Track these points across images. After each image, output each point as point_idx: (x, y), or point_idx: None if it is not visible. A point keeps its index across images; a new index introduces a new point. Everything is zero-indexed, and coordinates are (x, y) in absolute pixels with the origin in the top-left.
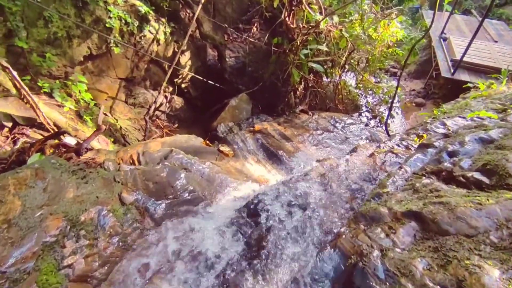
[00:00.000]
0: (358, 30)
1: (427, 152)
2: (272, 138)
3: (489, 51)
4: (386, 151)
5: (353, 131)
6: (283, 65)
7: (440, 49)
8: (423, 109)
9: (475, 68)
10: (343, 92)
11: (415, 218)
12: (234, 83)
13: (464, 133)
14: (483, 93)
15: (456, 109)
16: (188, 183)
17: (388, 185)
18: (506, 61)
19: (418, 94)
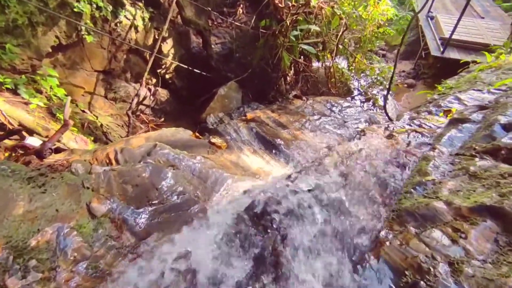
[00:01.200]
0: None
1: (463, 128)
2: (267, 126)
3: (477, 27)
4: (408, 130)
5: (350, 114)
6: (272, 49)
7: (428, 28)
8: (413, 90)
9: (464, 45)
10: (336, 75)
11: (492, 215)
12: (221, 70)
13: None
14: (492, 64)
15: (463, 83)
16: (177, 182)
17: (430, 172)
18: (494, 37)
19: (408, 75)
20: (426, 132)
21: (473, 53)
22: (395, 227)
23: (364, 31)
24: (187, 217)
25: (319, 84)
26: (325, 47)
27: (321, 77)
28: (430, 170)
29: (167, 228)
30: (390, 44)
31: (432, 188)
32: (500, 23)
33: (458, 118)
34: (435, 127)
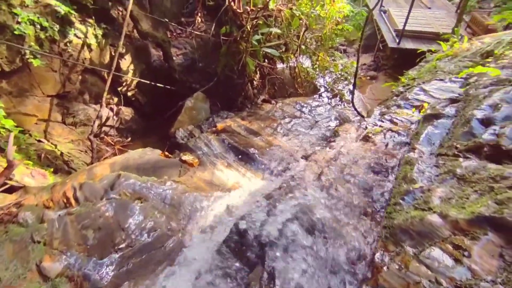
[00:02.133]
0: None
1: (439, 124)
2: (239, 136)
3: (425, 17)
4: (384, 129)
5: (321, 113)
6: (235, 55)
7: (383, 22)
8: (376, 81)
9: (416, 35)
10: (301, 75)
11: (493, 227)
12: (186, 82)
13: (482, 93)
14: (448, 53)
15: (425, 73)
16: (146, 217)
17: (417, 178)
18: (441, 25)
19: (369, 68)
20: (401, 131)
21: (426, 42)
22: (390, 247)
23: (324, 29)
24: (162, 256)
25: (286, 85)
26: (288, 48)
27: (287, 78)
28: (416, 176)
29: (139, 275)
30: (349, 39)
31: (422, 197)
32: (445, 12)
33: (432, 114)
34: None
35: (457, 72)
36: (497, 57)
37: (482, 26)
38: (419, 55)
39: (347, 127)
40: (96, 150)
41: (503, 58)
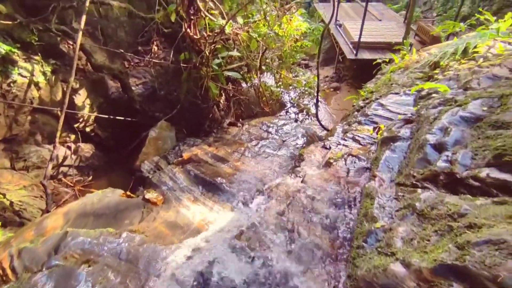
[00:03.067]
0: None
1: (396, 148)
2: (205, 165)
3: (378, 29)
4: (344, 154)
5: (287, 131)
6: (197, 80)
7: (339, 35)
8: (339, 92)
9: (371, 46)
10: (266, 94)
11: (457, 277)
12: (148, 112)
13: (432, 114)
14: (400, 65)
15: (381, 86)
16: (95, 284)
17: (378, 216)
18: (392, 35)
19: (332, 79)
20: (362, 154)
21: (380, 51)
22: None
23: (283, 47)
24: None
25: (252, 104)
26: (250, 69)
27: (253, 98)
28: (377, 213)
29: None
30: (310, 53)
31: (384, 239)
32: (394, 22)
33: (388, 137)
34: (369, 138)
35: (410, 85)
36: (443, 68)
37: (428, 34)
38: (376, 64)
39: (312, 148)
40: (55, 194)
41: (449, 69)
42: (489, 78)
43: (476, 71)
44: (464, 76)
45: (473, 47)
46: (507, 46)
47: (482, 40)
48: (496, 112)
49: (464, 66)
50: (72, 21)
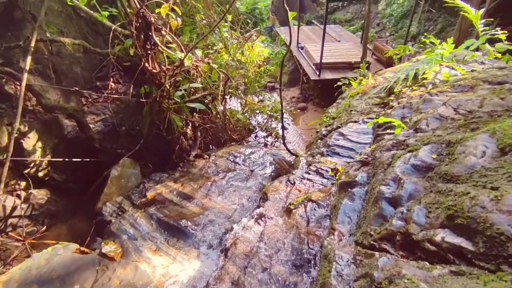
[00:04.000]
0: (226, 57)
1: (354, 195)
2: (170, 206)
3: (337, 50)
4: (304, 200)
5: (255, 160)
6: (160, 113)
7: (302, 58)
8: (306, 112)
9: (333, 66)
10: (232, 121)
11: None
12: (110, 149)
13: (386, 159)
14: (358, 90)
15: (342, 112)
16: None
17: (334, 285)
18: (351, 55)
19: (298, 100)
20: (321, 200)
21: (341, 71)
22: None
23: (247, 74)
24: None
25: (220, 132)
26: (214, 98)
27: (220, 125)
28: (335, 284)
29: None
30: (276, 76)
31: None
32: (352, 43)
33: (346, 182)
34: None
35: (368, 112)
36: (397, 95)
37: (383, 53)
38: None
39: (276, 185)
40: (2, 250)
41: (402, 96)
42: (437, 119)
43: (426, 100)
44: (416, 104)
45: (422, 73)
46: (451, 71)
47: (429, 66)
48: (445, 162)
49: (416, 93)
50: (20, 60)
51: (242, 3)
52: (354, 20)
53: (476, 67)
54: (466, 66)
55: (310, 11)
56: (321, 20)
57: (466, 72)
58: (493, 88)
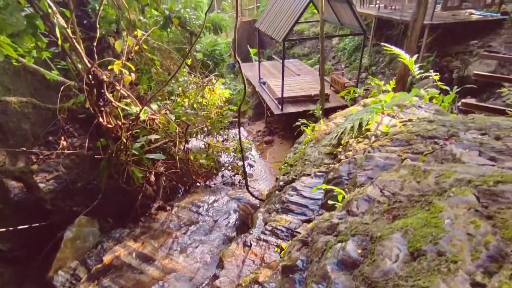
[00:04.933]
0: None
1: (296, 284)
2: (128, 273)
3: (297, 83)
4: (251, 281)
5: (219, 209)
6: (119, 166)
7: (264, 93)
8: (273, 145)
9: (294, 100)
10: (196, 164)
11: None
12: (64, 208)
13: (320, 247)
14: (312, 137)
15: (298, 159)
16: None
17: None
18: (311, 88)
19: (264, 133)
20: (267, 282)
21: (303, 104)
22: None
23: (209, 116)
24: None
25: (185, 177)
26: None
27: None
28: None
29: None
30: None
31: None
32: (311, 76)
33: (287, 266)
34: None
35: (320, 163)
36: (344, 146)
37: (340, 84)
38: (302, 115)
39: (233, 249)
40: None
41: (349, 148)
42: (365, 200)
43: (368, 157)
44: (360, 160)
45: (365, 123)
46: (391, 120)
47: (371, 116)
48: (368, 261)
49: (360, 145)
50: None
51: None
52: (311, 54)
53: (413, 115)
54: (404, 113)
55: (270, 47)
56: (281, 55)
57: (403, 123)
58: (413, 167)
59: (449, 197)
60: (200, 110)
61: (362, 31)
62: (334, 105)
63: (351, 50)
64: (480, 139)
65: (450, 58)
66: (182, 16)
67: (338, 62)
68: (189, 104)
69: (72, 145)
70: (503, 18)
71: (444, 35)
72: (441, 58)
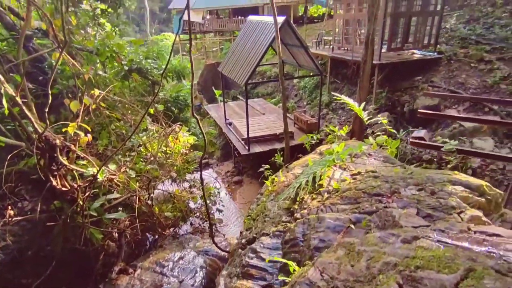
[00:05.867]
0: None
1: None
2: None
3: (263, 123)
4: None
5: (185, 267)
6: (75, 229)
7: (231, 134)
8: (242, 185)
9: (260, 139)
10: (161, 216)
11: None
12: (12, 281)
13: None
14: (272, 189)
15: (260, 214)
16: None
17: None
18: (276, 126)
19: (233, 174)
20: None
21: (269, 143)
22: None
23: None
24: None
25: (150, 230)
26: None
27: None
28: None
29: None
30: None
31: None
32: (275, 115)
33: None
34: None
35: (278, 221)
36: (300, 203)
37: (303, 122)
38: (270, 153)
39: None
40: None
41: (304, 206)
42: (307, 285)
43: (319, 218)
44: (313, 221)
45: (318, 178)
46: (343, 173)
47: (323, 171)
48: None
49: (314, 203)
50: None
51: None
52: (275, 92)
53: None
54: (355, 164)
55: (235, 88)
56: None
57: (353, 176)
58: (349, 246)
59: (377, 285)
60: (164, 160)
61: (319, 72)
62: (299, 142)
63: (312, 88)
64: (418, 196)
65: (400, 93)
66: (143, 68)
67: (300, 100)
68: (152, 155)
69: (23, 209)
70: (439, 57)
71: (393, 73)
72: (392, 93)
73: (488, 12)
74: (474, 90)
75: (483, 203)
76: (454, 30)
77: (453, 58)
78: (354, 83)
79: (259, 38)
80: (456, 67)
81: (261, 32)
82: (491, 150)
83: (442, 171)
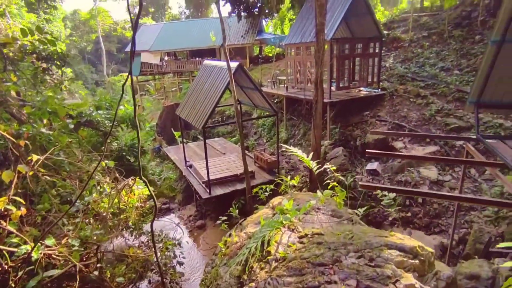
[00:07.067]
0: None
1: None
2: None
3: (223, 163)
4: None
5: None
6: None
7: (191, 176)
8: (206, 229)
9: (221, 181)
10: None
11: None
12: None
13: None
14: (225, 252)
15: (213, 282)
16: None
17: None
18: (236, 167)
19: (196, 218)
20: None
21: (230, 184)
22: None
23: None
24: None
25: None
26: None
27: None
28: None
29: None
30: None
31: None
32: (236, 154)
33: None
34: None
35: None
36: (249, 273)
37: (263, 160)
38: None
39: None
40: None
41: (252, 277)
42: None
43: None
44: None
45: (267, 244)
46: (291, 236)
47: (272, 234)
48: None
49: (262, 274)
50: None
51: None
52: (235, 131)
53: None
54: (303, 223)
55: (194, 128)
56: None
57: (300, 239)
58: None
59: None
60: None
61: (274, 112)
62: (260, 181)
63: (270, 126)
64: (357, 265)
65: (351, 128)
66: (94, 120)
67: (260, 137)
68: (101, 216)
69: None
70: (383, 93)
71: (343, 109)
72: (345, 128)
73: (419, 53)
74: (415, 123)
75: (417, 265)
76: (392, 69)
77: (395, 94)
78: (309, 120)
79: (215, 82)
80: (398, 102)
81: (216, 76)
82: (436, 178)
83: (380, 233)
